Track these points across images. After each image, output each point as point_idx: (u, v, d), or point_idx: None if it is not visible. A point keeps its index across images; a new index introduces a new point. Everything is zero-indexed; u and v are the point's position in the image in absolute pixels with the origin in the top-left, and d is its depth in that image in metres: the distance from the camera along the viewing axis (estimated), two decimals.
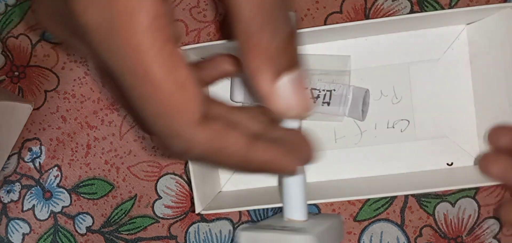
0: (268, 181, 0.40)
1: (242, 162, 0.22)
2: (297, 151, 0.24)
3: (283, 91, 0.21)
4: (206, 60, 0.31)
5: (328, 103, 0.37)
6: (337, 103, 0.37)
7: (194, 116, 0.21)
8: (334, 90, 0.37)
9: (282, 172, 0.24)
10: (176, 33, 0.20)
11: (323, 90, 0.37)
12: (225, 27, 0.40)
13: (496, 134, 0.33)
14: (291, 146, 0.24)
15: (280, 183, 0.35)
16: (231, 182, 0.41)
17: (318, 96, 0.37)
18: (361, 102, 0.37)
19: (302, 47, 0.39)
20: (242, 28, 0.20)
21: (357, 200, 0.40)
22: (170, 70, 0.19)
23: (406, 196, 0.40)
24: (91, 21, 0.19)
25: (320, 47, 0.39)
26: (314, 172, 0.40)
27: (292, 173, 0.24)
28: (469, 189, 0.40)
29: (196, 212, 0.36)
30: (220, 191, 0.41)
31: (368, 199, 0.40)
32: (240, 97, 0.38)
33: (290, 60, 0.21)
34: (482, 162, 0.33)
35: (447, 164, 0.39)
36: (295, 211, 0.32)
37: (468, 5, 0.39)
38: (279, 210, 0.41)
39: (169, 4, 0.19)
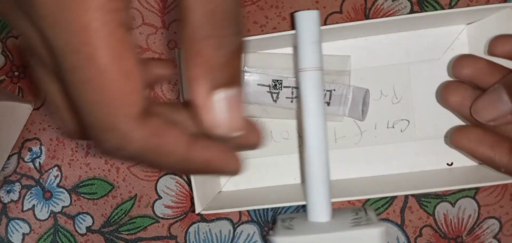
0: (268, 181, 0.40)
1: (181, 162, 0.21)
2: (243, 143, 0.23)
3: (216, 106, 0.20)
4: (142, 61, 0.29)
5: (328, 103, 0.37)
6: (337, 103, 0.37)
7: (134, 110, 0.19)
8: (334, 90, 0.37)
9: (225, 172, 0.24)
10: (129, 20, 0.19)
11: (323, 90, 0.37)
12: None
13: (459, 64, 0.33)
14: (236, 141, 0.23)
15: (303, 182, 0.35)
16: (231, 182, 0.41)
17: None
18: (361, 102, 0.37)
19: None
20: (188, 32, 0.19)
21: (357, 200, 0.40)
22: (117, 56, 0.18)
23: (406, 196, 0.40)
24: None
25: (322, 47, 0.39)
26: None
27: (235, 173, 0.23)
28: (469, 189, 0.40)
29: (196, 212, 0.36)
30: (220, 191, 0.41)
31: (368, 199, 0.40)
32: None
33: (230, 77, 0.20)
34: (442, 90, 0.33)
35: (447, 164, 0.39)
36: (320, 212, 0.33)
37: (468, 5, 0.39)
38: (283, 210, 0.41)
39: None
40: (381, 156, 0.40)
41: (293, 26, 0.39)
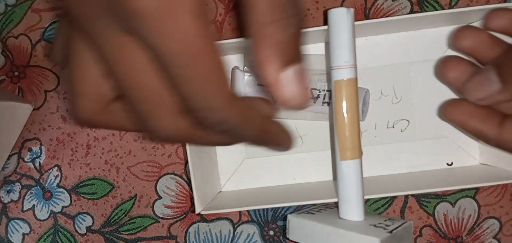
0: (268, 181, 0.40)
1: (260, 133, 0.26)
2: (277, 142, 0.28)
3: (287, 81, 0.23)
4: None
5: (328, 103, 0.37)
6: None
7: (228, 92, 0.23)
8: None
9: (284, 145, 0.28)
10: (208, 15, 0.22)
11: (323, 90, 0.37)
12: (225, 27, 0.40)
13: (460, 35, 0.33)
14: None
15: (335, 178, 0.35)
16: (231, 182, 0.41)
17: (318, 96, 0.37)
18: (361, 102, 0.37)
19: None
20: (256, 19, 0.22)
21: None
22: (214, 50, 0.21)
23: (406, 196, 0.40)
24: (145, 7, 0.20)
25: (321, 47, 0.39)
26: (315, 172, 0.40)
27: (289, 147, 0.28)
28: (469, 189, 0.40)
29: (196, 212, 0.36)
30: (220, 191, 0.41)
31: (368, 199, 0.40)
32: (241, 93, 0.38)
33: (296, 54, 0.23)
34: (441, 64, 0.33)
35: (447, 164, 0.39)
36: (351, 210, 0.33)
37: (468, 5, 0.39)
38: (283, 210, 0.41)
39: None
40: (381, 156, 0.40)
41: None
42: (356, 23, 0.33)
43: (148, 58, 0.22)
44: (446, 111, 0.34)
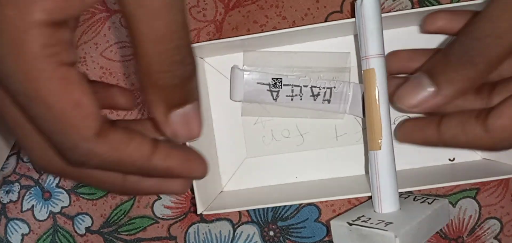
0: (270, 180, 0.40)
1: (144, 169, 0.25)
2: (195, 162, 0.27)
3: (174, 122, 0.24)
4: (102, 86, 0.32)
5: (329, 101, 0.37)
6: (337, 100, 0.37)
7: (91, 131, 0.22)
8: (334, 87, 0.37)
9: (189, 176, 0.28)
10: (72, 56, 0.22)
11: (323, 88, 0.37)
12: (225, 27, 0.40)
13: (390, 59, 0.34)
14: (191, 153, 0.27)
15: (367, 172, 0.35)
16: (232, 182, 0.41)
17: (318, 94, 0.37)
18: (362, 99, 0.37)
19: (299, 45, 0.39)
20: (144, 66, 0.22)
21: (357, 201, 0.40)
22: (63, 91, 0.21)
23: (407, 196, 0.40)
24: None
25: (320, 44, 0.39)
26: (315, 170, 0.40)
27: (200, 177, 0.28)
28: (470, 189, 0.40)
29: (198, 212, 0.35)
30: (222, 191, 0.40)
31: (369, 199, 0.40)
32: (240, 96, 0.38)
33: (185, 97, 0.24)
34: (386, 58, 0.33)
35: (449, 159, 0.39)
36: (384, 203, 0.33)
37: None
38: (284, 210, 0.41)
39: (63, 32, 0.21)
40: None
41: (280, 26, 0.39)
42: (355, 19, 0.33)
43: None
44: (397, 136, 0.34)
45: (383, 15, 0.33)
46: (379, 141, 0.33)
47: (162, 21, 0.21)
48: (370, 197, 0.36)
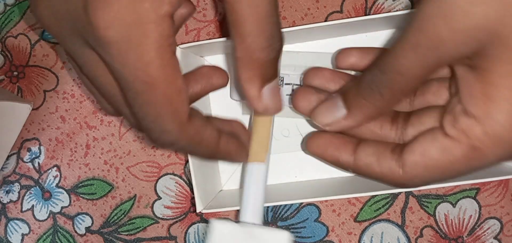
0: (269, 179, 0.40)
1: (213, 152, 0.29)
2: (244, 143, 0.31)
3: (266, 96, 0.27)
4: (193, 71, 0.32)
5: None
6: None
7: (185, 116, 0.26)
8: None
9: (238, 160, 0.31)
10: (175, 44, 0.24)
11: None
12: (225, 27, 0.40)
13: (307, 75, 0.35)
14: (240, 139, 0.31)
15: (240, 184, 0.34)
16: (232, 180, 0.41)
17: None
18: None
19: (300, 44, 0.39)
20: (246, 46, 0.25)
21: (357, 201, 0.40)
22: (173, 80, 0.24)
23: (407, 197, 0.40)
24: (111, 36, 0.22)
25: (321, 44, 0.38)
26: (315, 170, 0.40)
27: (243, 161, 0.32)
28: (470, 189, 0.40)
29: (197, 211, 0.35)
30: (221, 190, 0.40)
31: (369, 199, 0.40)
32: (240, 96, 0.38)
33: (274, 72, 0.27)
34: (293, 97, 0.34)
35: None
36: (250, 214, 0.31)
37: None
38: (284, 209, 0.41)
39: (175, 24, 0.24)
40: None
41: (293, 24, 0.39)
42: (356, 18, 0.33)
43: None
44: (307, 146, 0.33)
45: (382, 15, 0.33)
46: (265, 154, 0.32)
47: (265, 1, 0.24)
48: (372, 197, 0.36)
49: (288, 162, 0.40)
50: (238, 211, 0.35)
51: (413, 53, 0.24)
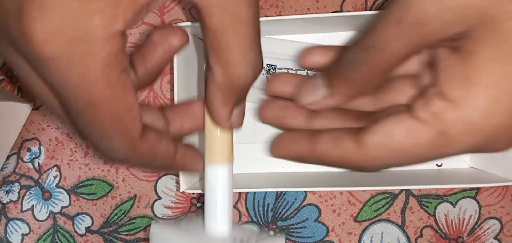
0: (257, 167, 0.40)
1: (169, 166, 0.28)
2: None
3: (234, 116, 0.27)
4: (144, 42, 0.28)
5: None
6: None
7: (136, 133, 0.24)
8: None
9: (195, 170, 0.30)
10: (126, 60, 0.22)
11: (318, 72, 0.37)
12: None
13: (270, 83, 0.34)
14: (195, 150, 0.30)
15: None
16: None
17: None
18: None
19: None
20: (228, 74, 0.24)
21: (357, 201, 0.40)
22: (121, 99, 0.22)
23: (407, 197, 0.40)
24: (49, 52, 0.19)
25: (318, 37, 0.39)
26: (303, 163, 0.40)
27: (199, 171, 0.30)
28: (470, 189, 0.40)
29: (181, 191, 0.35)
30: None
31: (369, 199, 0.40)
32: None
33: (245, 95, 0.27)
34: (258, 110, 0.34)
35: (437, 165, 0.39)
36: (214, 223, 0.29)
37: None
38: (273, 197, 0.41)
39: (126, 38, 0.22)
40: None
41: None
42: (355, 13, 0.33)
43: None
44: (271, 151, 0.33)
45: (381, 12, 0.33)
46: (217, 155, 0.29)
47: (251, 29, 0.23)
48: (372, 197, 0.36)
49: None
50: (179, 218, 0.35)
51: (395, 29, 0.23)
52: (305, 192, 0.41)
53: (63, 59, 0.20)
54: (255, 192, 0.41)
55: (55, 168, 0.42)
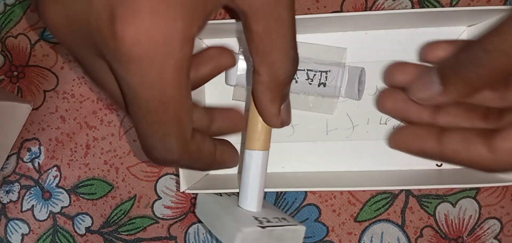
0: None
1: (209, 165, 0.30)
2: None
3: (283, 113, 0.29)
4: (200, 53, 0.32)
5: (324, 84, 0.37)
6: (333, 83, 0.37)
7: (189, 135, 0.26)
8: (330, 70, 0.37)
9: (232, 166, 0.33)
10: (191, 65, 0.24)
11: (319, 71, 0.37)
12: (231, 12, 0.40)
13: (391, 72, 0.35)
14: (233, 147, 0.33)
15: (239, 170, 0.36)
16: None
17: (314, 77, 0.37)
18: (357, 81, 0.37)
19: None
20: (271, 72, 0.26)
21: (357, 201, 0.40)
22: (185, 100, 0.24)
23: (407, 197, 0.40)
24: (136, 53, 0.21)
25: (318, 38, 0.39)
26: (303, 163, 0.40)
27: (236, 165, 0.33)
28: (470, 189, 0.40)
29: (181, 191, 0.35)
30: (208, 174, 0.40)
31: (369, 199, 0.40)
32: (234, 81, 0.38)
33: (289, 91, 0.29)
34: (378, 99, 0.35)
35: (437, 165, 0.39)
36: (245, 200, 0.34)
37: (468, 5, 0.39)
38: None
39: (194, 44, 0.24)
40: (371, 151, 0.39)
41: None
42: (355, 13, 0.33)
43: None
44: (390, 142, 0.34)
45: (383, 12, 0.33)
46: (256, 143, 0.33)
47: (291, 30, 0.25)
48: (372, 197, 0.36)
49: (277, 153, 0.40)
50: (220, 194, 0.37)
51: None
52: (305, 192, 0.41)
53: (147, 59, 0.21)
54: None
55: (55, 168, 0.42)
